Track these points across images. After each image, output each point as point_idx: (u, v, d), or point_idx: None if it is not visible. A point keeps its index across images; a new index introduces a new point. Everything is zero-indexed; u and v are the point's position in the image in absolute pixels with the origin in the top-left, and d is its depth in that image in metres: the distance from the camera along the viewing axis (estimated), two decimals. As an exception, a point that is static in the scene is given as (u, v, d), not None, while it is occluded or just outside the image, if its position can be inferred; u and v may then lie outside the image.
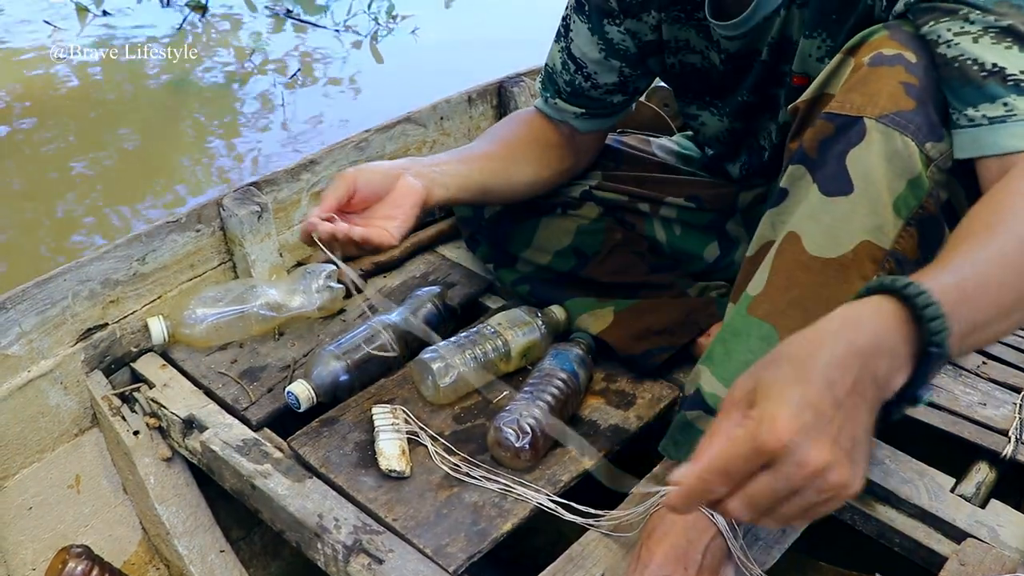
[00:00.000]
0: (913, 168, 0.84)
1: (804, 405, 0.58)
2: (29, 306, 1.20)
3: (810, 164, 0.89)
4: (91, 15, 3.78)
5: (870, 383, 0.61)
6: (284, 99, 3.16)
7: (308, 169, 1.48)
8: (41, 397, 1.21)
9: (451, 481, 1.07)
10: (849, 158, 0.86)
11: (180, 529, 1.21)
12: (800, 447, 0.57)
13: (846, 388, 0.60)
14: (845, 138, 0.86)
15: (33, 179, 2.66)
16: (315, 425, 1.15)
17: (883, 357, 0.62)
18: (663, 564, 0.90)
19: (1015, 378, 1.25)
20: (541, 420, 1.07)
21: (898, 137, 0.84)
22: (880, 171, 0.85)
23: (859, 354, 0.61)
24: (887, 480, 1.08)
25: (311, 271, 1.36)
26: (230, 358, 1.29)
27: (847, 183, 0.86)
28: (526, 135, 1.28)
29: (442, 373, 1.15)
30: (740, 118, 1.22)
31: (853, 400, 0.60)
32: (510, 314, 1.25)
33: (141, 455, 1.22)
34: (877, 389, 0.62)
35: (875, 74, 0.86)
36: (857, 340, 0.61)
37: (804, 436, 0.58)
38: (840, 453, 0.59)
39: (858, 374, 0.60)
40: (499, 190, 1.23)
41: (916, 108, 0.84)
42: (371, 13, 3.91)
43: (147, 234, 1.31)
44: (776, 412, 0.58)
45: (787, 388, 0.59)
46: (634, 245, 1.33)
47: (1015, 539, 1.01)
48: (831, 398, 0.59)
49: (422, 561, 0.98)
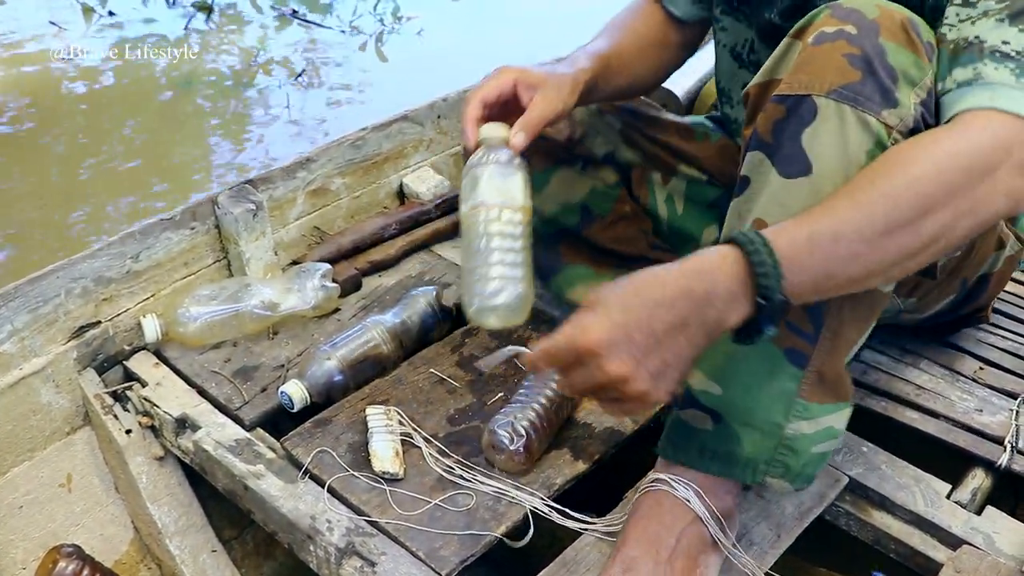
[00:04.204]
0: (871, 139, 0.84)
1: (616, 326, 0.75)
2: (21, 303, 1.19)
3: (767, 149, 0.89)
4: (97, 15, 3.77)
5: (697, 324, 0.77)
6: (289, 99, 3.15)
7: (304, 167, 1.47)
8: (33, 395, 1.21)
9: (445, 483, 1.06)
10: (804, 137, 0.85)
11: (172, 529, 1.21)
12: (603, 357, 0.75)
13: (666, 324, 0.76)
14: (797, 118, 0.86)
15: (36, 179, 2.66)
16: (308, 426, 1.14)
17: (715, 303, 0.76)
18: (635, 545, 0.92)
19: (1012, 384, 1.24)
20: (536, 423, 1.07)
21: (849, 110, 0.84)
22: (837, 147, 0.85)
23: (689, 298, 0.76)
24: (883, 486, 1.07)
25: (306, 270, 1.35)
26: (224, 357, 1.28)
27: (805, 163, 0.86)
28: (644, 32, 1.27)
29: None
30: (764, 38, 1.20)
31: (671, 334, 0.76)
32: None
33: (133, 454, 1.21)
34: (705, 328, 0.77)
35: (819, 51, 0.86)
36: (693, 287, 0.76)
37: (607, 349, 0.75)
38: (641, 371, 0.76)
39: (684, 315, 0.76)
40: (618, 90, 1.23)
41: (863, 78, 0.84)
42: (377, 14, 3.90)
43: (141, 231, 1.30)
44: (591, 324, 0.76)
45: (611, 309, 0.76)
46: (640, 222, 1.33)
47: (1010, 546, 1.01)
48: (647, 328, 0.75)
49: (415, 564, 0.97)
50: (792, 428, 0.93)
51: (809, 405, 0.93)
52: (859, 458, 1.11)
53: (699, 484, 0.95)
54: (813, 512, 1.05)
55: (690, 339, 0.77)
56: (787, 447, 0.93)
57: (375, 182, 1.59)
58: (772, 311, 0.78)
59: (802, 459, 0.94)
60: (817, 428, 0.93)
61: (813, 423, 0.93)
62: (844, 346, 0.93)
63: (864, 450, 1.13)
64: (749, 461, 0.94)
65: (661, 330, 0.76)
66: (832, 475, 1.08)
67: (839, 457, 1.11)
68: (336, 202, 1.54)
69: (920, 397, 1.21)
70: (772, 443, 0.93)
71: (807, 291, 0.80)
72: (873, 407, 1.19)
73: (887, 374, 1.25)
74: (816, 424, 0.93)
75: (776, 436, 0.93)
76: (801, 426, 0.93)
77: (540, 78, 1.04)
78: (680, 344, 0.77)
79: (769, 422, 0.93)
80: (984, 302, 1.26)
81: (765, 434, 0.93)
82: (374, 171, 1.58)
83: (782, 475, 0.94)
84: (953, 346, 1.32)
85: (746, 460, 0.94)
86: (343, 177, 1.54)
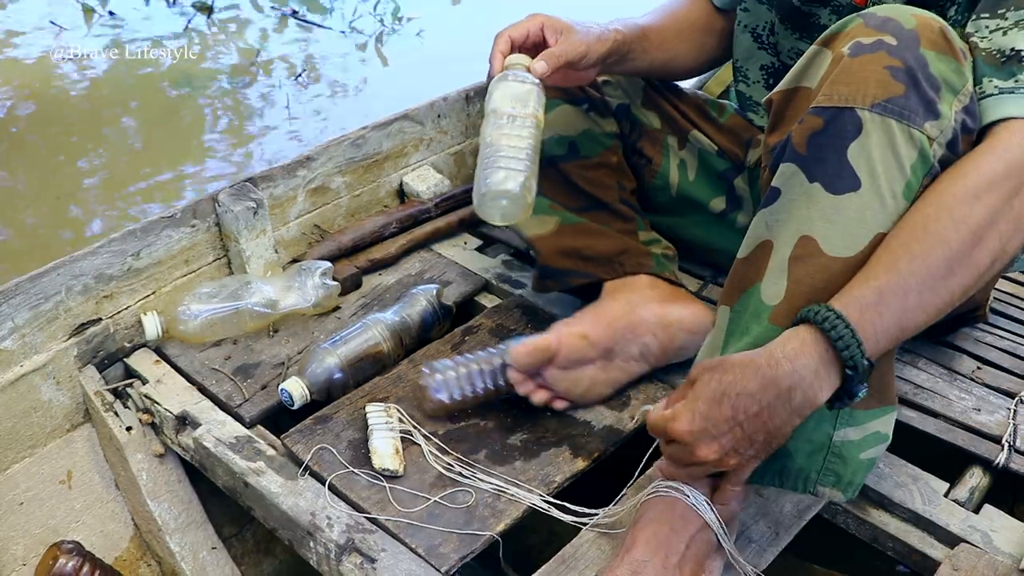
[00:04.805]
0: (915, 152, 0.85)
1: (702, 418, 0.84)
2: (22, 300, 1.19)
3: (803, 161, 0.88)
4: (97, 15, 3.76)
5: (783, 410, 0.82)
6: (289, 100, 3.15)
7: (304, 166, 1.48)
8: (33, 392, 1.21)
9: (444, 481, 1.06)
10: (850, 152, 0.86)
11: (172, 526, 1.21)
12: (691, 445, 0.86)
13: (750, 414, 0.83)
14: (839, 131, 0.86)
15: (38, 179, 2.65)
16: (309, 422, 1.15)
17: (801, 386, 0.82)
18: (644, 550, 0.91)
19: (1010, 383, 1.25)
20: (465, 379, 1.14)
21: (895, 125, 0.84)
22: (885, 162, 0.85)
23: (774, 388, 0.82)
24: (881, 484, 1.07)
25: (306, 268, 1.36)
26: (224, 354, 1.28)
27: (854, 179, 0.86)
28: (685, 14, 1.33)
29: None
30: (784, 20, 1.23)
31: (753, 422, 0.83)
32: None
33: (133, 451, 1.21)
34: (791, 410, 0.83)
35: (858, 63, 0.86)
36: (778, 378, 0.82)
37: (693, 439, 0.85)
38: (726, 452, 0.85)
39: (768, 403, 0.82)
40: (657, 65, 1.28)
41: (907, 91, 0.85)
42: (376, 14, 3.90)
43: (142, 229, 1.30)
44: (680, 414, 0.86)
45: (699, 400, 0.85)
46: (621, 176, 1.34)
47: (1008, 544, 1.01)
48: (731, 420, 0.83)
49: (414, 561, 0.97)
50: (839, 436, 0.93)
51: (855, 412, 0.93)
52: (857, 456, 1.11)
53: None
54: (811, 510, 1.05)
55: (774, 422, 0.83)
56: (836, 455, 0.93)
57: (375, 181, 1.60)
58: (860, 377, 0.82)
59: (851, 466, 0.94)
60: (864, 434, 0.94)
61: (860, 429, 0.93)
62: (888, 351, 0.92)
63: (862, 448, 1.13)
64: (801, 472, 0.94)
65: (746, 419, 0.83)
66: (830, 473, 1.08)
67: (837, 455, 1.11)
68: (336, 200, 1.54)
69: (918, 396, 1.21)
70: (822, 453, 0.93)
71: (885, 347, 0.84)
72: (871, 406, 1.20)
73: (885, 373, 1.25)
74: (863, 430, 0.93)
75: (825, 446, 0.93)
76: (848, 433, 0.93)
77: (568, 25, 1.12)
78: (763, 427, 0.83)
79: (819, 431, 0.93)
80: (979, 300, 1.26)
81: (815, 444, 0.93)
82: (374, 170, 1.59)
83: (834, 484, 0.94)
84: (951, 346, 1.32)
85: (798, 471, 0.94)
86: (343, 176, 1.54)
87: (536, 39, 1.12)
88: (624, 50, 1.19)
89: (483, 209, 1.05)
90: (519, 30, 1.12)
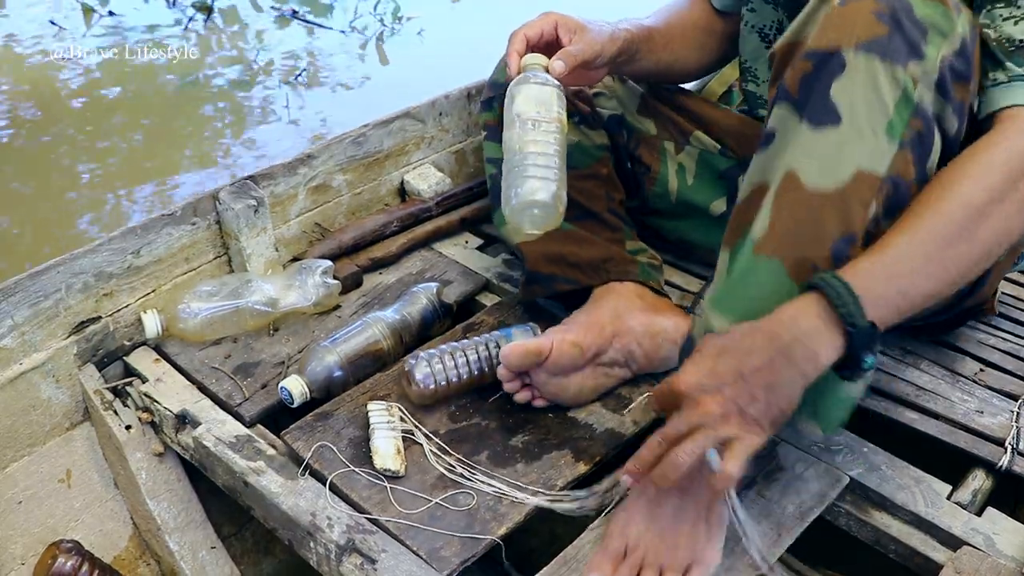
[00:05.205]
0: (898, 91, 0.88)
1: (708, 372, 0.87)
2: (22, 298, 1.19)
3: (794, 102, 0.91)
4: (97, 15, 3.75)
5: (785, 363, 0.84)
6: (289, 99, 3.14)
7: (305, 164, 1.47)
8: (33, 390, 1.20)
9: (446, 482, 1.06)
10: (833, 90, 0.88)
11: (171, 525, 1.20)
12: (699, 397, 0.86)
13: (752, 367, 0.85)
14: (826, 71, 0.89)
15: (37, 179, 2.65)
16: (309, 419, 1.14)
17: (803, 341, 0.84)
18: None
19: (1012, 385, 1.24)
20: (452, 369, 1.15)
21: (878, 63, 0.87)
22: (866, 98, 0.88)
23: (775, 342, 0.84)
24: (884, 486, 1.07)
25: (307, 266, 1.35)
26: (224, 353, 1.28)
27: (834, 114, 0.89)
28: (688, 15, 1.34)
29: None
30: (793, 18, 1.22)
31: (757, 375, 0.85)
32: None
33: (133, 450, 1.21)
34: (795, 365, 0.84)
35: (846, 10, 0.90)
36: (778, 331, 0.85)
37: (698, 390, 0.86)
38: (728, 406, 0.85)
39: (770, 357, 0.84)
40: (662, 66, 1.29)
41: (890, 32, 0.88)
42: (377, 14, 3.89)
43: (142, 227, 1.30)
44: (687, 370, 0.88)
45: (706, 357, 0.88)
46: (611, 187, 1.35)
47: (1011, 547, 1.01)
48: (735, 373, 0.85)
49: (415, 562, 0.97)
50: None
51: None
52: (860, 458, 1.11)
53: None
54: (814, 512, 1.05)
55: (778, 377, 0.85)
56: (814, 386, 0.94)
57: (376, 179, 1.59)
58: (863, 338, 0.84)
59: (829, 400, 0.95)
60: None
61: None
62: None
63: (865, 450, 1.12)
64: None
65: (748, 372, 0.85)
66: (833, 475, 1.08)
67: (839, 458, 1.11)
68: (337, 199, 1.54)
69: (921, 398, 1.21)
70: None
71: (889, 313, 0.86)
72: (874, 408, 1.19)
73: (888, 375, 1.25)
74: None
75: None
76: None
77: (581, 24, 1.13)
78: (767, 381, 0.85)
79: None
80: (987, 293, 1.26)
81: None
82: (375, 168, 1.58)
83: (811, 416, 0.95)
84: (954, 347, 1.32)
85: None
86: (344, 174, 1.53)
87: (550, 38, 1.12)
88: (633, 50, 1.20)
89: (514, 219, 1.04)
90: (534, 29, 1.11)
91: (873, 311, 0.84)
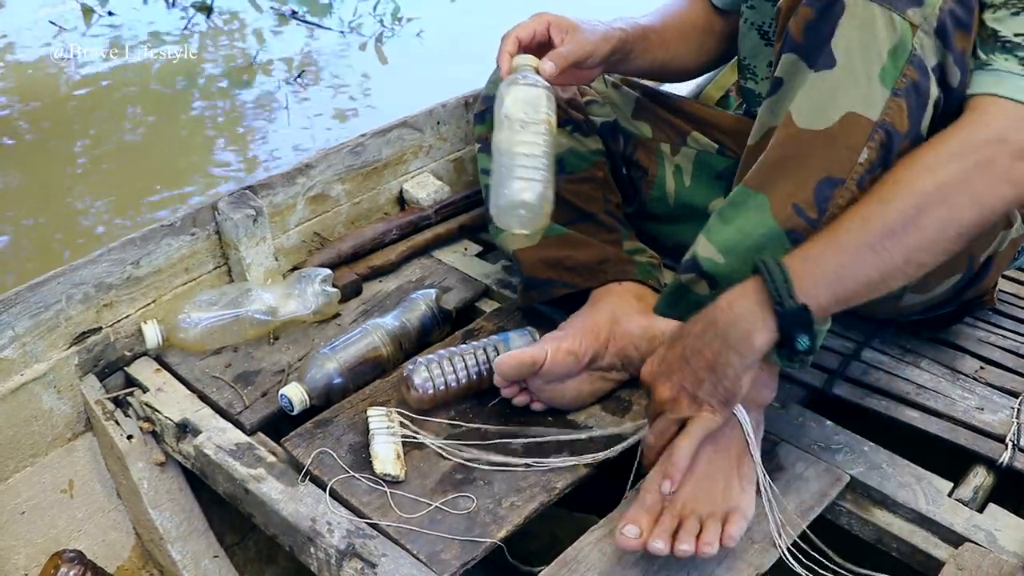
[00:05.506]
0: (894, 37, 0.89)
1: (660, 360, 0.96)
2: (22, 309, 1.19)
3: (800, 49, 0.94)
4: (96, 15, 3.78)
5: (722, 344, 0.89)
6: (289, 100, 3.15)
7: (303, 173, 1.48)
8: (34, 401, 1.21)
9: (446, 486, 1.06)
10: (834, 35, 0.91)
11: (174, 534, 1.21)
12: (654, 384, 0.96)
13: (692, 350, 0.92)
14: (828, 17, 0.91)
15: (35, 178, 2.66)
16: (309, 426, 1.14)
17: (738, 323, 0.89)
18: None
19: (1013, 383, 1.24)
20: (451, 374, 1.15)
21: (877, 8, 0.89)
22: (861, 42, 0.90)
23: (712, 325, 0.91)
24: (885, 484, 1.07)
25: (306, 275, 1.36)
26: (224, 362, 1.28)
27: (830, 57, 0.91)
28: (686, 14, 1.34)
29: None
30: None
31: (696, 357, 0.91)
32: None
33: (135, 459, 1.21)
34: (731, 346, 0.89)
35: None
36: (715, 316, 0.91)
37: (653, 378, 0.96)
38: (677, 390, 0.93)
39: (707, 339, 0.90)
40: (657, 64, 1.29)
41: None
42: (376, 15, 3.90)
43: (141, 238, 1.30)
44: (649, 361, 0.98)
45: (662, 347, 0.96)
46: (607, 191, 1.35)
47: (1013, 543, 1.00)
48: (680, 357, 0.93)
49: (416, 566, 0.97)
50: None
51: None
52: (860, 457, 1.11)
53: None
54: (815, 511, 1.04)
55: (718, 359, 0.90)
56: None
57: (375, 188, 1.60)
58: (792, 318, 0.87)
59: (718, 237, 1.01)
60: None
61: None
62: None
63: (865, 449, 1.12)
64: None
65: (691, 356, 0.92)
66: (833, 474, 1.08)
67: (840, 456, 1.11)
68: (336, 208, 1.55)
69: (921, 396, 1.21)
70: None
71: (825, 296, 0.88)
72: (874, 406, 1.19)
73: (888, 373, 1.25)
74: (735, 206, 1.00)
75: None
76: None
77: (573, 24, 1.14)
78: (708, 364, 0.91)
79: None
80: (988, 285, 1.25)
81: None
82: (374, 177, 1.59)
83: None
84: (954, 345, 1.32)
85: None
86: (343, 183, 1.54)
87: (542, 38, 1.13)
88: (627, 49, 1.20)
89: (501, 219, 1.06)
90: (526, 30, 1.12)
91: (806, 293, 0.86)
